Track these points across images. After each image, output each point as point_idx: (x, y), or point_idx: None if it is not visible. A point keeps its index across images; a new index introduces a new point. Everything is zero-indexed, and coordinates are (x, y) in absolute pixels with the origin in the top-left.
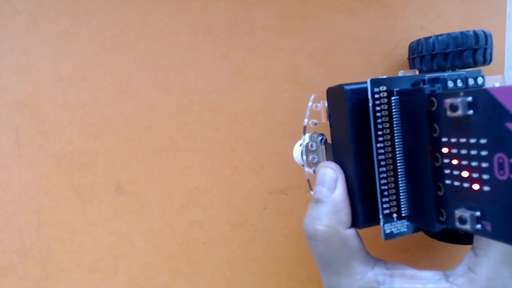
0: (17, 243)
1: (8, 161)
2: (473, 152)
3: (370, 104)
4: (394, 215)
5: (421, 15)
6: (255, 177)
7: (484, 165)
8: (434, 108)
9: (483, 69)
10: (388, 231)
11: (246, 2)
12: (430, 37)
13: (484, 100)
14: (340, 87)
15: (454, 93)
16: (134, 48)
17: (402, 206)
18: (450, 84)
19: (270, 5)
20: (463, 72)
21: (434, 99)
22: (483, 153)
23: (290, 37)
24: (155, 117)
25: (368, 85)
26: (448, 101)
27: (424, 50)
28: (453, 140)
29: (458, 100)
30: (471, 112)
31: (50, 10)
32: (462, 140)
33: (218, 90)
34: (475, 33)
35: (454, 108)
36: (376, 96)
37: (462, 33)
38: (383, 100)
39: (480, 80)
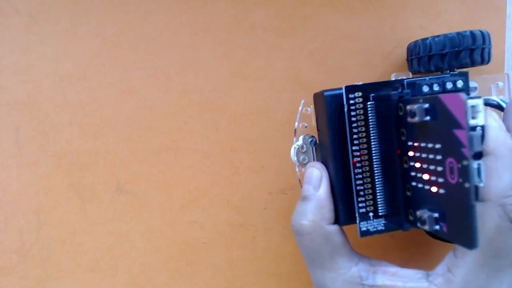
0: (17, 243)
1: (8, 161)
2: (431, 156)
3: (345, 110)
4: (371, 214)
5: (421, 15)
6: (255, 177)
7: (439, 169)
8: (401, 113)
9: (483, 68)
10: (364, 228)
11: (246, 2)
12: (427, 38)
13: (438, 107)
14: (321, 93)
15: (414, 99)
16: (134, 48)
17: (379, 205)
18: (426, 88)
19: (270, 5)
20: (447, 74)
21: (401, 104)
22: (438, 157)
23: (290, 37)
24: (155, 117)
25: (343, 91)
26: (408, 107)
27: (421, 51)
28: (416, 144)
29: (415, 107)
30: (428, 118)
31: (50, 10)
32: (423, 144)
33: (218, 90)
34: (472, 33)
35: (412, 114)
36: (352, 101)
37: (458, 33)
38: (359, 106)
39: (459, 84)
